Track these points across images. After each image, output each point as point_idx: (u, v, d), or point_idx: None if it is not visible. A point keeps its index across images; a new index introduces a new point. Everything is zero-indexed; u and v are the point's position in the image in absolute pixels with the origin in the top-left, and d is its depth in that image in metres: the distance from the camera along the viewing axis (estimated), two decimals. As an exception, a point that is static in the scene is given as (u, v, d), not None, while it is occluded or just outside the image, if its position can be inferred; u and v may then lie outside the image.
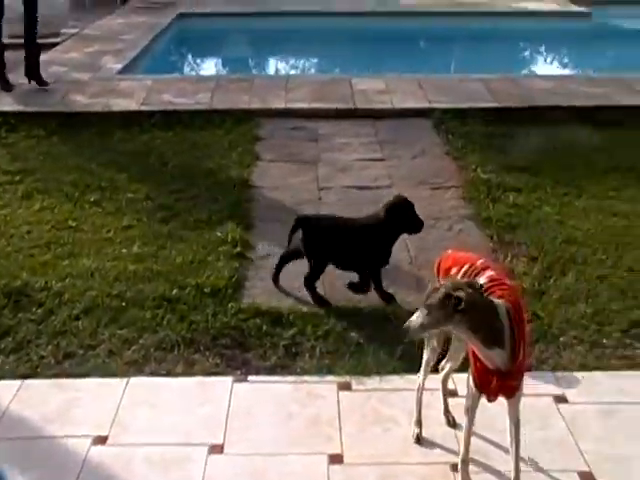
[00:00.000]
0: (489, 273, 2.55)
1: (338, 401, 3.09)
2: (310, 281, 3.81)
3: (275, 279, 3.97)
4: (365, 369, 3.29)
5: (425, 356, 2.84)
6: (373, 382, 3.22)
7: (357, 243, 3.78)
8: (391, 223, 3.73)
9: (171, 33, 10.43)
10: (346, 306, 3.76)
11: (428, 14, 11.42)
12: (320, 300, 3.79)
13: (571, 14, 11.80)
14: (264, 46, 11.24)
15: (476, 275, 2.56)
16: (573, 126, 6.33)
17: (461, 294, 2.29)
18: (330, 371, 3.28)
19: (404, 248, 4.38)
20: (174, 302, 3.75)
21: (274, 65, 10.96)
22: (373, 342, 3.47)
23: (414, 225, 3.79)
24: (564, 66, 11.27)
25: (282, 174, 5.46)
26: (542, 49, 12.06)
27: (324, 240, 3.80)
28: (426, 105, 6.74)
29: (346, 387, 3.18)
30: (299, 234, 3.83)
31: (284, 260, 3.99)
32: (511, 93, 7.07)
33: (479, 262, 2.63)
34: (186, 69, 10.54)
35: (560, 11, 11.80)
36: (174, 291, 3.83)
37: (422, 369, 2.87)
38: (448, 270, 2.67)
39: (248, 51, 11.70)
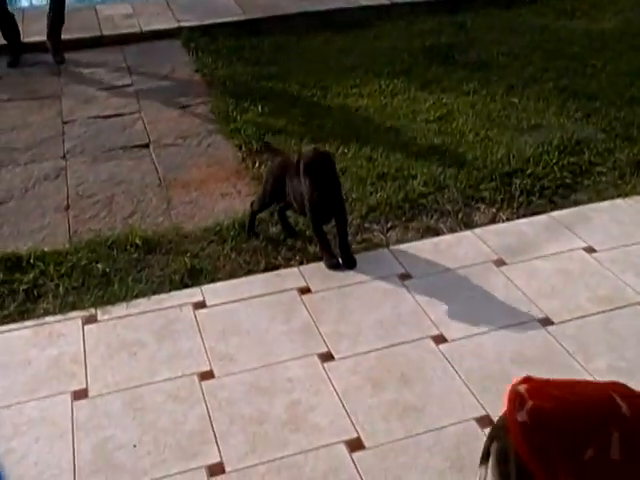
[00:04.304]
0: None
1: (83, 336, 2.86)
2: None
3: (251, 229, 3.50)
4: (112, 298, 3.07)
5: None
6: (119, 309, 3.01)
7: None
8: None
9: None
10: (91, 239, 3.52)
11: None
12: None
13: None
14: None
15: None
16: (318, 30, 6.32)
17: None
18: (75, 307, 3.04)
19: (153, 170, 4.18)
20: None
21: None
22: (119, 271, 3.25)
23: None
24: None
25: (21, 113, 4.90)
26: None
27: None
28: (174, 25, 6.35)
29: (91, 320, 2.96)
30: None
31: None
32: (259, 4, 6.88)
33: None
34: None
35: None
36: None
37: None
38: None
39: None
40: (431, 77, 5.35)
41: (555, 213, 3.67)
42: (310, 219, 3.25)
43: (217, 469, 2.29)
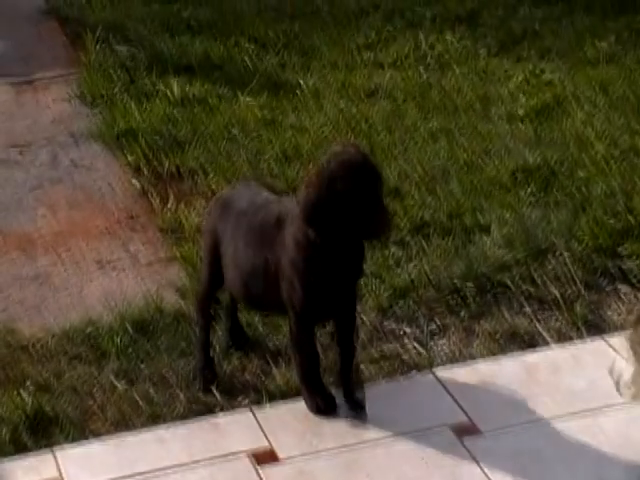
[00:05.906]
0: None
1: None
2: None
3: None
4: None
5: None
6: None
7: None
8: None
9: None
10: None
11: None
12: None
13: None
14: None
15: None
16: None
17: None
18: None
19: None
20: None
21: None
22: None
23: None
24: None
25: None
26: None
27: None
28: None
29: None
30: None
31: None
32: None
33: None
34: None
35: None
36: None
37: None
38: None
39: None
40: (520, 26, 5.49)
41: None
42: (293, 312, 3.30)
43: None
